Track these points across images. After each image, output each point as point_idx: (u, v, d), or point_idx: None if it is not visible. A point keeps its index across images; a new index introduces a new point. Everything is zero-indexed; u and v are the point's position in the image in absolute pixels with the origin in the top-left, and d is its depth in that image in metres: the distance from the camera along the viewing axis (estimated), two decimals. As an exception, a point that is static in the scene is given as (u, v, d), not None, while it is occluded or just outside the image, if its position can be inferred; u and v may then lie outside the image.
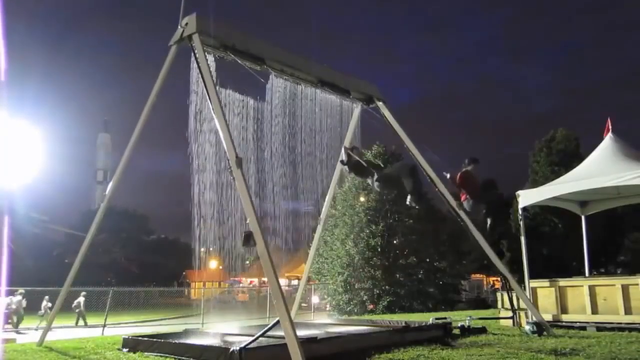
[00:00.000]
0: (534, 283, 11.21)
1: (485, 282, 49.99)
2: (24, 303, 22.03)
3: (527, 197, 11.39)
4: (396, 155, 28.97)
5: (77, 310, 23.62)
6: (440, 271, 27.51)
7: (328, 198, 13.15)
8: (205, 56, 8.10)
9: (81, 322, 23.57)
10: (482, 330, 9.79)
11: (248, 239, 6.58)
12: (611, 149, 11.20)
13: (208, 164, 8.26)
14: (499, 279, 16.44)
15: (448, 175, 9.56)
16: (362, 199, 27.69)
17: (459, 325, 9.90)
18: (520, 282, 11.36)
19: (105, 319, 18.89)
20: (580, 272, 16.02)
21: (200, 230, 8.07)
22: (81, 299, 23.69)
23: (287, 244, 9.86)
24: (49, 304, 21.70)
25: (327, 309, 28.74)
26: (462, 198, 9.33)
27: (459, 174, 9.24)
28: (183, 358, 6.78)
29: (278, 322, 6.31)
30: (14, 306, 21.07)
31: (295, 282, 49.53)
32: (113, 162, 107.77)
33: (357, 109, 11.82)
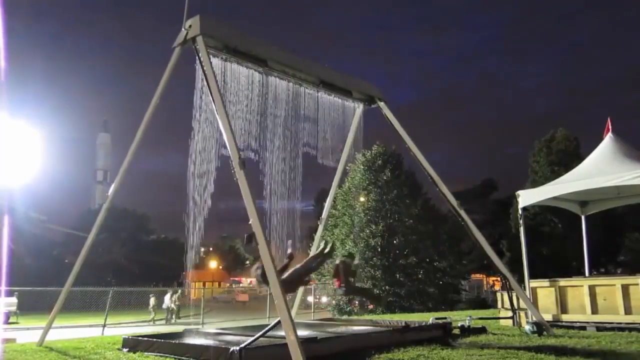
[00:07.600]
0: (534, 283, 11.20)
1: (485, 282, 50.07)
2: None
3: (527, 197, 11.37)
4: (396, 155, 29.02)
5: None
6: (440, 271, 27.51)
7: (329, 199, 13.17)
8: (209, 58, 8.07)
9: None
10: (482, 330, 9.78)
11: (250, 239, 6.58)
12: (611, 149, 11.19)
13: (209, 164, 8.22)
14: (499, 279, 16.44)
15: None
16: (362, 199, 27.70)
17: (459, 325, 9.90)
18: (520, 282, 11.36)
19: (105, 319, 18.86)
20: (580, 272, 16.03)
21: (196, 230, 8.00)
22: (175, 296, 28.59)
23: (286, 244, 9.84)
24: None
25: (327, 309, 28.74)
26: (337, 284, 9.73)
27: (336, 265, 9.71)
28: (183, 358, 6.77)
29: (279, 322, 6.31)
30: (168, 302, 26.23)
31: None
32: (113, 162, 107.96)
33: (358, 109, 11.82)
